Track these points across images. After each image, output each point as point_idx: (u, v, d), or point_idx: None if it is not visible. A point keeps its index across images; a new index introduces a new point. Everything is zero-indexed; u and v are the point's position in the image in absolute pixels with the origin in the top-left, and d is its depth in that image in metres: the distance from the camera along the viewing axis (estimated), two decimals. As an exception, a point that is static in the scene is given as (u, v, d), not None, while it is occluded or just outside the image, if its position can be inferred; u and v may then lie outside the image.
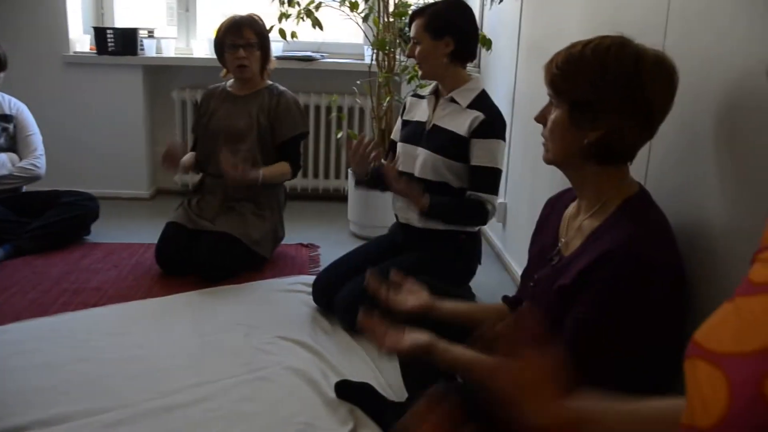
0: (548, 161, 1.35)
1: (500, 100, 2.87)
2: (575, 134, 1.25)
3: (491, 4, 3.12)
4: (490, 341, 0.97)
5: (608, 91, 1.20)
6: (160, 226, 2.85)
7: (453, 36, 2.26)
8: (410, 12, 2.49)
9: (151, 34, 3.85)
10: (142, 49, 3.77)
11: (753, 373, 0.54)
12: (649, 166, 1.53)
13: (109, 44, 3.71)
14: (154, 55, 3.82)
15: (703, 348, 0.63)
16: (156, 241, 2.81)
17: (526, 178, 2.77)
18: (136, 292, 2.58)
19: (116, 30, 3.74)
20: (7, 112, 3.07)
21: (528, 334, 0.93)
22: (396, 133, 2.56)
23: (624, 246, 1.14)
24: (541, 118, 1.33)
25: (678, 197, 1.38)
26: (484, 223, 2.32)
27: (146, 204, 3.89)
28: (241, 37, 2.77)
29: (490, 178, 2.25)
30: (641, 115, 1.21)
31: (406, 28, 3.45)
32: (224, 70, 2.95)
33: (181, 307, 2.48)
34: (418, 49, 2.28)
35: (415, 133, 2.39)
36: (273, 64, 2.98)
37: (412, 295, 1.55)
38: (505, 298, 1.57)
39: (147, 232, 3.10)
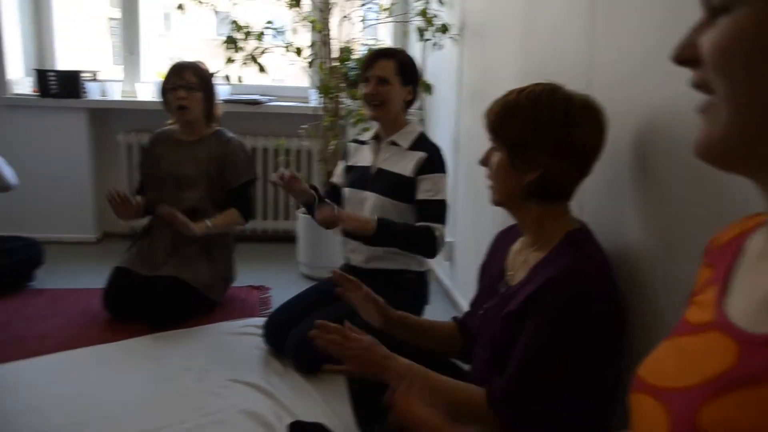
0: (495, 203, 1.45)
1: (444, 142, 2.98)
2: (516, 175, 1.35)
3: (431, 50, 3.26)
4: None
5: (541, 134, 1.31)
6: (108, 271, 2.82)
7: (414, 86, 2.42)
8: (373, 51, 2.48)
9: (94, 77, 3.84)
10: (85, 92, 3.76)
11: (689, 406, 0.59)
12: (585, 202, 1.64)
13: (51, 87, 3.69)
14: (98, 98, 3.81)
15: (646, 383, 0.69)
16: (103, 286, 2.77)
17: (471, 217, 2.87)
18: (85, 338, 2.54)
19: (58, 72, 3.72)
20: None
21: None
22: (337, 177, 2.63)
23: (567, 273, 1.23)
24: (484, 161, 1.44)
25: (610, 230, 1.48)
26: (434, 251, 2.28)
27: (93, 248, 3.83)
28: (182, 78, 2.79)
29: (436, 209, 2.32)
30: (573, 155, 1.33)
31: (350, 72, 3.56)
32: (172, 117, 2.96)
33: (132, 352, 2.46)
34: (384, 87, 2.35)
35: (361, 178, 2.47)
36: (219, 110, 2.98)
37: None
38: (455, 318, 1.68)
39: (94, 277, 3.01)
